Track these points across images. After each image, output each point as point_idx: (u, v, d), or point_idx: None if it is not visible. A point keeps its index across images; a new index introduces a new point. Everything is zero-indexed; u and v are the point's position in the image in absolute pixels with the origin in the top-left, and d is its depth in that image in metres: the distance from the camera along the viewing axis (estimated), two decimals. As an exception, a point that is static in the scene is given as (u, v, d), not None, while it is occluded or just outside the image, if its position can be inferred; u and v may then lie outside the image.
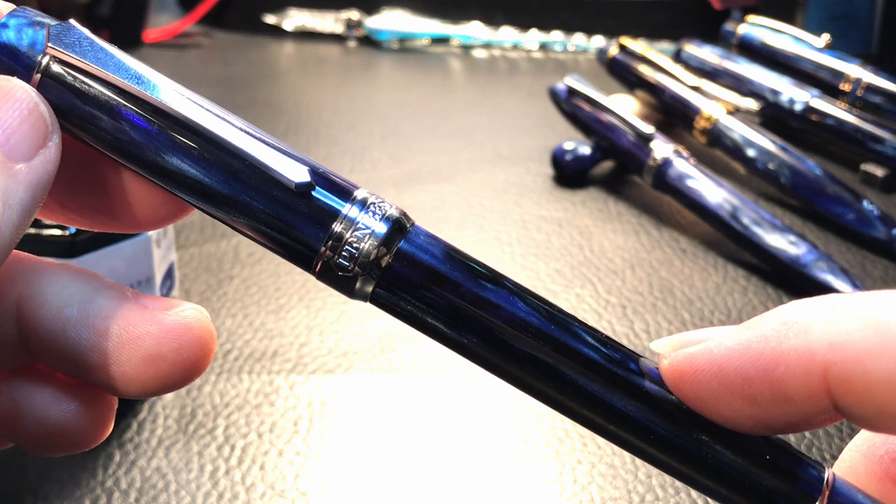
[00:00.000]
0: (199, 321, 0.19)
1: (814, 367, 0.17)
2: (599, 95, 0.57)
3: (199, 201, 0.19)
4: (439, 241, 0.19)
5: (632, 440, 0.19)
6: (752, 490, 0.18)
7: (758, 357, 0.17)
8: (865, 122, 0.59)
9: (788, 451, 0.18)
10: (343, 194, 0.19)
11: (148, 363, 0.19)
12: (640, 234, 0.52)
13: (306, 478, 0.34)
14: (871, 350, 0.16)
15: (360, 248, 0.18)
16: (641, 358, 0.19)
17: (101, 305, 0.19)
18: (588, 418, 0.19)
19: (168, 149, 0.19)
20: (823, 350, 0.16)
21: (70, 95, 0.18)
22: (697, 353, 0.18)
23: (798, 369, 0.17)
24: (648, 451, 0.19)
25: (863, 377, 0.16)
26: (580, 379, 0.18)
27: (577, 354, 0.19)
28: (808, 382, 0.17)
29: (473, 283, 0.19)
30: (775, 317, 0.17)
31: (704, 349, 0.18)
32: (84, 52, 0.18)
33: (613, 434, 0.19)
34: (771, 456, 0.18)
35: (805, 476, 0.18)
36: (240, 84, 0.77)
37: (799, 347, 0.17)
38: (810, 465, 0.18)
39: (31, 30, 0.18)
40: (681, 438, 0.18)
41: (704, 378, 0.18)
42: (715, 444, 0.18)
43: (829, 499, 0.18)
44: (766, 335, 0.17)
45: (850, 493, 0.18)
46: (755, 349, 0.17)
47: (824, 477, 0.18)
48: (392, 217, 0.19)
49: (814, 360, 0.16)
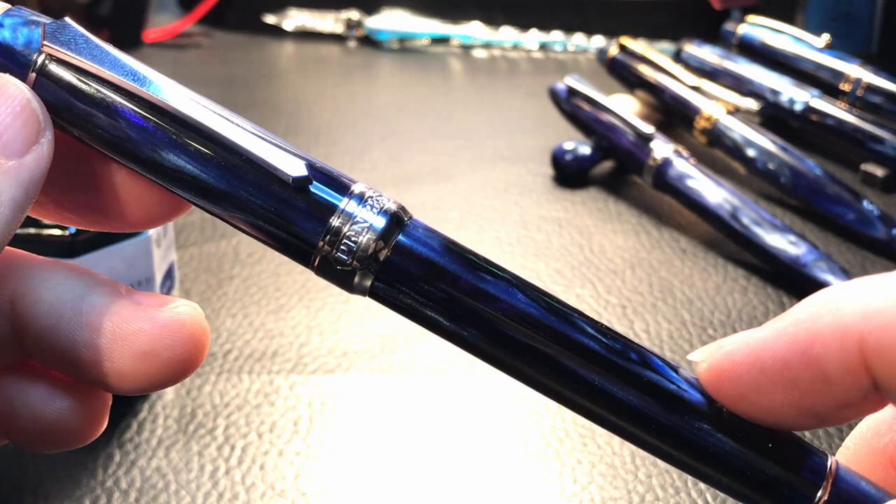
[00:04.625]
0: (193, 318, 0.19)
1: (849, 339, 0.17)
2: (599, 95, 0.57)
3: (196, 197, 0.19)
4: (437, 234, 0.19)
5: (632, 430, 0.19)
6: (755, 478, 0.18)
7: (793, 339, 0.17)
8: (865, 122, 0.59)
9: (791, 439, 0.19)
10: (340, 188, 0.19)
11: (141, 360, 0.19)
12: (640, 234, 0.52)
13: (306, 478, 0.34)
14: None
15: (359, 242, 0.18)
16: (643, 349, 0.19)
17: (95, 302, 0.19)
18: (588, 409, 0.19)
19: (164, 145, 0.18)
20: (857, 321, 0.17)
21: (66, 93, 0.18)
22: (735, 349, 0.18)
23: (834, 344, 0.17)
24: (649, 440, 0.19)
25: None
26: (580, 370, 0.18)
27: (576, 345, 0.19)
28: (846, 357, 0.17)
29: (472, 276, 0.19)
30: (807, 302, 0.18)
31: (741, 342, 0.18)
32: (80, 49, 0.18)
33: (614, 424, 0.19)
34: (774, 444, 0.18)
35: (808, 464, 0.18)
36: (240, 84, 0.77)
37: (833, 323, 0.17)
38: (813, 453, 0.18)
39: (27, 28, 0.18)
40: (682, 427, 0.18)
41: (744, 371, 0.18)
42: (717, 433, 0.18)
43: (833, 486, 0.18)
44: (798, 318, 0.18)
45: (853, 480, 0.18)
46: (790, 332, 0.18)
47: (827, 464, 0.18)
48: (390, 210, 0.19)
49: (848, 333, 0.17)
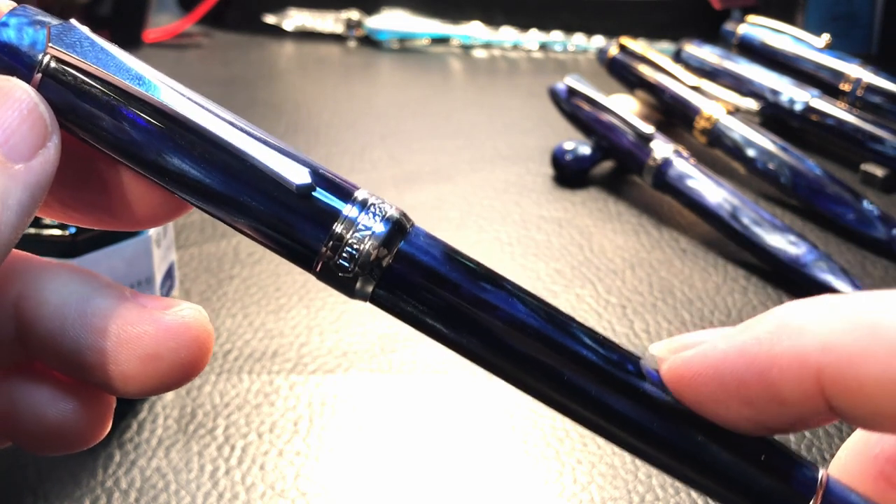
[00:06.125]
0: (198, 321, 0.19)
1: (807, 369, 0.17)
2: (599, 95, 0.57)
3: (200, 201, 0.19)
4: (439, 241, 0.19)
5: (628, 440, 0.19)
6: (747, 490, 0.18)
7: (752, 360, 0.17)
8: (865, 122, 0.59)
9: (783, 451, 0.19)
10: (343, 195, 0.19)
11: (146, 363, 0.19)
12: (640, 234, 0.52)
13: (306, 478, 0.34)
14: (864, 351, 0.16)
15: (361, 248, 0.18)
16: (640, 359, 0.19)
17: (100, 305, 0.19)
18: (586, 418, 0.19)
19: (169, 149, 0.19)
20: (816, 352, 0.16)
21: (71, 95, 0.18)
22: (694, 357, 0.18)
23: (791, 372, 0.17)
24: (645, 450, 0.19)
25: (855, 378, 0.16)
26: (578, 380, 0.19)
27: (575, 355, 0.19)
28: (802, 385, 0.17)
29: (473, 285, 0.19)
30: (769, 319, 0.17)
31: (700, 353, 0.18)
32: (85, 52, 0.19)
33: (611, 434, 0.19)
34: (766, 456, 0.18)
35: (799, 476, 0.18)
36: (240, 84, 0.77)
37: (792, 349, 0.17)
38: (804, 466, 0.19)
39: (32, 29, 0.19)
40: (677, 438, 0.18)
41: (702, 381, 0.18)
42: (711, 445, 0.18)
43: (823, 499, 0.18)
44: (759, 338, 0.17)
45: (843, 493, 0.18)
46: (749, 352, 0.17)
47: (818, 477, 0.18)
48: (392, 218, 0.19)
49: (807, 362, 0.17)
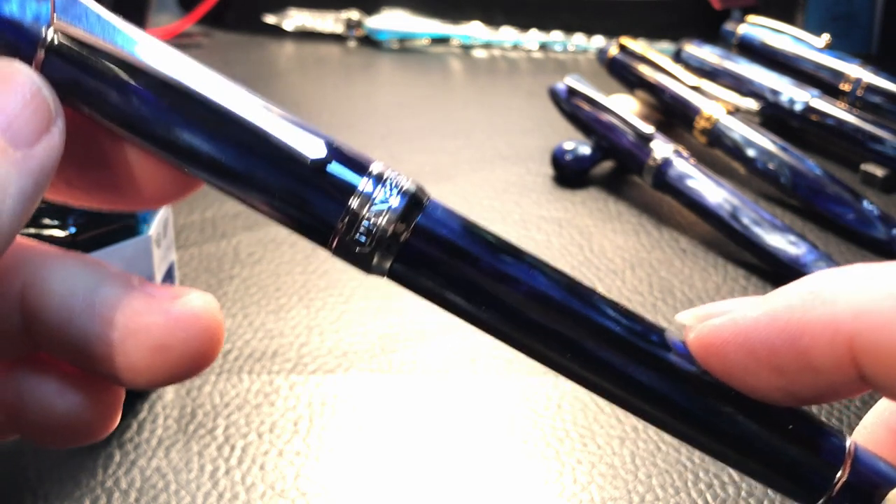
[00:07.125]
0: (207, 310, 0.19)
1: (839, 336, 0.16)
2: (599, 95, 0.57)
3: (212, 177, 0.18)
4: (457, 214, 0.19)
5: (655, 413, 0.19)
6: (776, 460, 0.18)
7: (784, 327, 0.17)
8: (865, 122, 0.59)
9: (811, 421, 0.18)
10: (359, 169, 0.18)
11: (155, 354, 0.18)
12: (640, 234, 0.52)
13: (306, 478, 0.34)
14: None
15: (378, 223, 0.18)
16: (665, 330, 0.19)
17: (107, 294, 0.19)
18: (610, 391, 0.19)
19: (180, 124, 0.18)
20: (849, 319, 0.16)
21: (77, 71, 0.18)
22: (723, 325, 0.18)
23: (824, 339, 0.17)
24: (671, 423, 0.18)
25: (888, 346, 0.16)
26: (602, 352, 0.18)
27: (598, 327, 0.18)
28: (834, 352, 0.16)
29: (492, 257, 0.18)
30: (801, 287, 0.17)
31: (729, 320, 0.18)
32: (91, 25, 0.18)
33: (635, 407, 0.19)
34: (794, 426, 0.18)
35: (827, 445, 0.18)
36: (240, 84, 0.77)
37: (824, 317, 0.17)
38: (832, 435, 0.18)
39: (35, 3, 0.18)
40: (704, 410, 0.18)
41: (731, 349, 0.17)
42: (738, 416, 0.18)
43: (852, 468, 0.18)
44: (791, 304, 0.17)
45: (872, 461, 0.18)
46: (781, 319, 0.17)
47: (846, 446, 0.18)
48: (409, 191, 0.18)
49: (839, 329, 0.16)
